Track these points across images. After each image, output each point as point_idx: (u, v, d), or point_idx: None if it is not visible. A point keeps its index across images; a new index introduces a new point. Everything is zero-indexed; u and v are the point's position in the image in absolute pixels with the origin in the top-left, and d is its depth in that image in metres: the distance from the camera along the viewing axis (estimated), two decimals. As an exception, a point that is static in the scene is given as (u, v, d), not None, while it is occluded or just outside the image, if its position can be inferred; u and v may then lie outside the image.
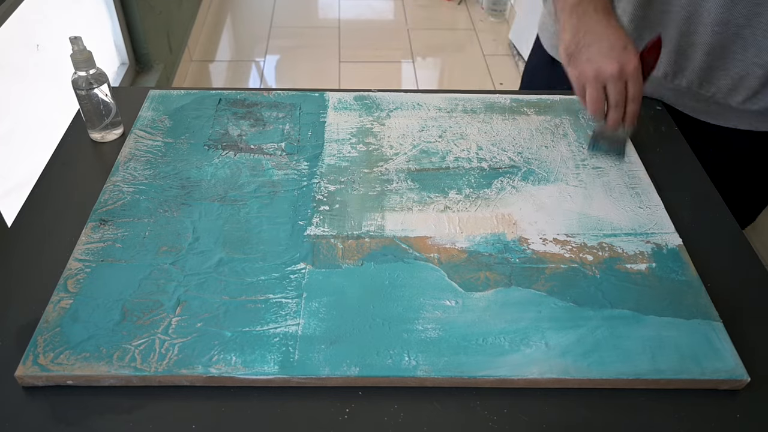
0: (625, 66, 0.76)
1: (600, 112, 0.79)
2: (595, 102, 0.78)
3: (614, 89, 0.77)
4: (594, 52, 0.77)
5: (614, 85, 0.77)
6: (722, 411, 0.59)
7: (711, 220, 0.78)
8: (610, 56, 0.76)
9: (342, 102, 0.93)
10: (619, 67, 0.75)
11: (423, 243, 0.71)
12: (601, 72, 0.76)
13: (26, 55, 1.63)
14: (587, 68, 0.77)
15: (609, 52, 0.76)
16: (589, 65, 0.77)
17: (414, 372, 0.59)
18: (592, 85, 0.78)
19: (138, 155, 0.82)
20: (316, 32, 3.06)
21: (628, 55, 0.76)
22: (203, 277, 0.66)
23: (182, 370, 0.58)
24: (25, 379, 0.58)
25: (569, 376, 0.59)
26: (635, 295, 0.66)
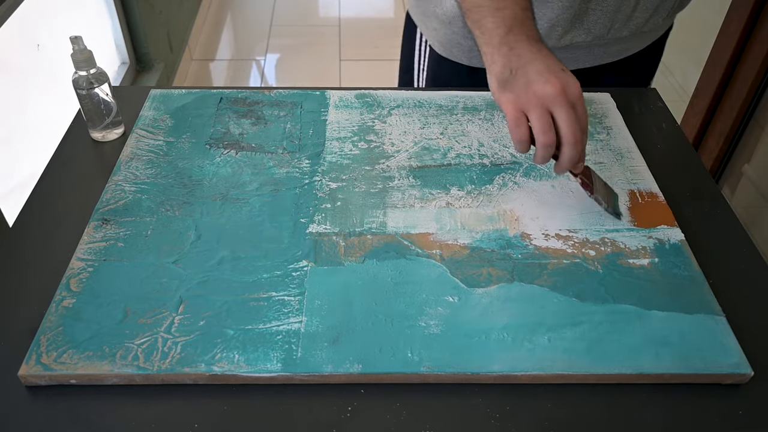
0: (568, 86, 0.65)
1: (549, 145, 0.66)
2: (546, 130, 0.65)
3: (564, 114, 0.65)
4: (531, 73, 0.65)
5: (563, 109, 0.64)
6: (726, 405, 0.59)
7: (712, 215, 0.78)
8: (549, 76, 0.65)
9: (343, 100, 0.93)
10: (561, 86, 0.64)
11: (425, 239, 0.71)
12: (542, 93, 0.64)
13: (26, 55, 1.63)
14: (524, 92, 0.65)
15: (547, 72, 0.65)
16: (526, 88, 0.65)
17: (417, 369, 0.59)
18: (536, 110, 0.65)
19: (139, 154, 0.82)
20: (317, 30, 3.06)
21: (568, 76, 0.66)
22: (205, 276, 0.66)
23: (185, 369, 0.58)
24: (28, 378, 0.58)
25: (572, 371, 0.59)
26: (638, 290, 0.66)
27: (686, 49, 1.91)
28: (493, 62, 0.68)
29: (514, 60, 0.67)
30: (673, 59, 1.98)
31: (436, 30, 0.98)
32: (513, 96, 0.66)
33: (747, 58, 1.50)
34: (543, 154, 0.67)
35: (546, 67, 0.66)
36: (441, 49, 0.99)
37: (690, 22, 1.91)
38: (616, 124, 0.89)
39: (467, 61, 0.98)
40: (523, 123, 0.66)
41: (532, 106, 0.65)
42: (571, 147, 0.66)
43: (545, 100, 0.65)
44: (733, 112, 1.56)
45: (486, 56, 0.70)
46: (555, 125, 0.65)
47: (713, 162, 1.64)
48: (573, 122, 0.65)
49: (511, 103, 0.66)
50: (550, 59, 0.67)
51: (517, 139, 0.67)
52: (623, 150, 0.85)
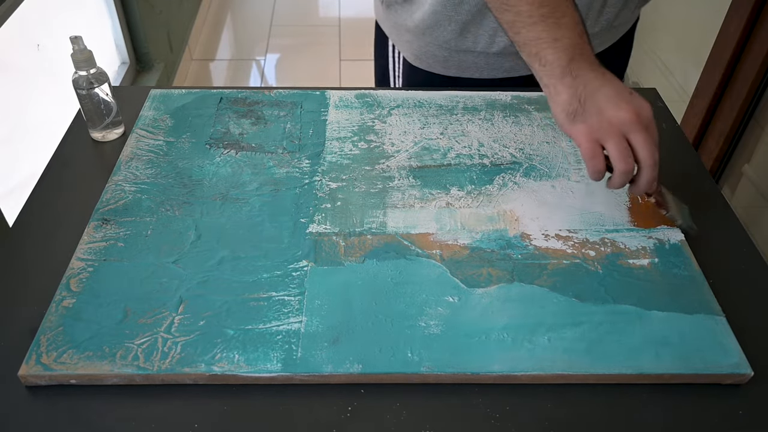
0: (641, 110, 0.64)
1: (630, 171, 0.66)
2: (626, 157, 0.64)
3: (641, 138, 0.64)
4: (601, 100, 0.65)
5: (639, 134, 0.64)
6: (726, 405, 0.59)
7: (712, 215, 0.78)
8: (620, 102, 0.64)
9: (343, 100, 0.93)
10: (635, 111, 0.64)
11: (425, 239, 0.71)
12: (617, 120, 0.64)
13: (26, 55, 1.63)
14: (598, 121, 0.65)
15: (617, 98, 0.64)
16: (599, 117, 0.64)
17: (417, 369, 0.59)
18: (613, 138, 0.64)
19: (139, 154, 0.82)
20: (317, 30, 3.06)
21: (638, 99, 0.65)
22: (205, 276, 0.66)
23: (185, 369, 0.58)
24: (28, 378, 0.58)
25: (572, 371, 0.59)
26: (638, 290, 0.66)
27: (686, 49, 1.91)
28: (557, 93, 0.67)
29: (581, 89, 0.66)
30: (673, 59, 1.98)
31: (410, 42, 0.97)
32: (585, 127, 0.66)
33: (747, 58, 1.50)
34: (622, 181, 0.67)
35: (615, 93, 0.65)
36: (414, 59, 0.99)
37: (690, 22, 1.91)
38: (616, 124, 0.89)
39: (443, 70, 0.97)
40: (600, 154, 0.66)
41: (608, 134, 0.65)
42: (650, 170, 0.66)
43: (621, 126, 0.64)
44: (733, 112, 1.56)
45: (548, 88, 0.68)
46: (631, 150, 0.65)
47: (713, 162, 1.64)
48: (650, 146, 0.65)
49: (585, 135, 0.66)
50: (616, 84, 0.66)
51: (595, 170, 0.67)
52: (623, 150, 0.84)
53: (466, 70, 0.96)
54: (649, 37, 2.10)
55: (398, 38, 0.99)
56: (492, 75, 0.96)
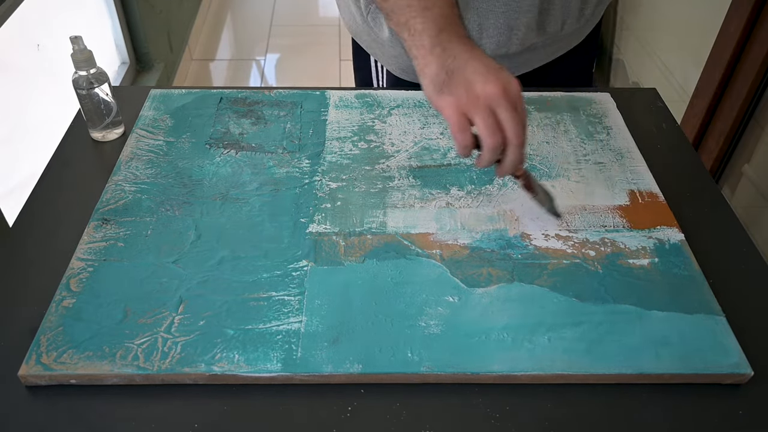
0: (509, 86, 0.62)
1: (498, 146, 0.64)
2: (494, 131, 0.62)
3: (508, 115, 0.62)
4: (470, 73, 0.63)
5: (507, 110, 0.62)
6: (726, 405, 0.59)
7: (712, 215, 0.78)
8: (489, 76, 0.62)
9: (343, 100, 0.93)
10: (503, 86, 0.62)
11: (425, 239, 0.71)
12: (484, 94, 0.62)
13: (26, 55, 1.63)
14: (465, 93, 0.62)
15: (486, 72, 0.62)
16: (467, 90, 0.62)
17: (417, 369, 0.59)
18: (481, 112, 0.62)
19: (139, 154, 0.82)
20: (317, 30, 3.06)
21: (507, 75, 0.63)
22: (205, 276, 0.66)
23: (185, 369, 0.58)
24: (28, 378, 0.58)
25: (572, 371, 0.59)
26: (638, 290, 0.66)
27: (686, 49, 1.91)
28: (426, 65, 0.65)
29: (450, 61, 0.64)
30: (673, 59, 1.98)
31: (397, 57, 0.96)
32: (453, 99, 0.64)
33: (747, 58, 1.50)
34: (490, 157, 0.65)
35: (485, 67, 0.63)
36: (401, 72, 0.98)
37: (690, 22, 1.91)
38: (616, 124, 0.89)
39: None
40: (467, 128, 0.64)
41: (476, 107, 0.62)
42: (516, 148, 0.64)
43: (488, 100, 0.62)
44: (733, 112, 1.56)
45: (417, 59, 0.66)
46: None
47: (713, 162, 1.64)
48: (517, 123, 0.63)
49: (452, 107, 0.64)
50: (486, 58, 0.64)
51: (463, 144, 0.65)
52: (623, 150, 0.85)
53: None
54: (649, 37, 2.10)
55: (381, 53, 0.98)
56: None
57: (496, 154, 0.65)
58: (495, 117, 0.63)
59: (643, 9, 2.13)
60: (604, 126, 0.89)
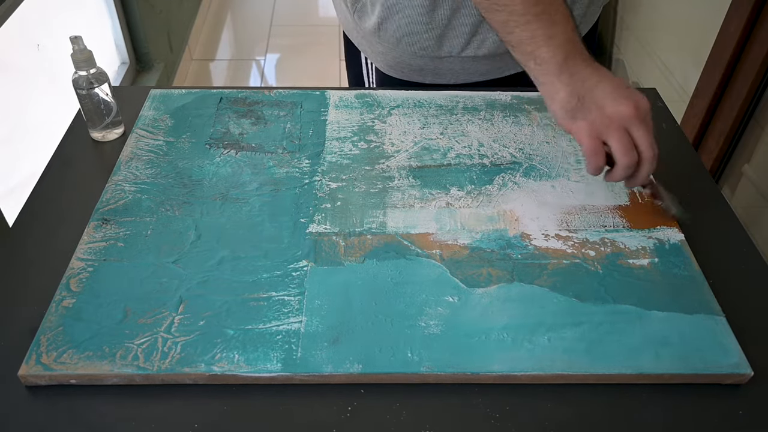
0: (639, 104, 0.65)
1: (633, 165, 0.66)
2: (629, 151, 0.65)
3: (642, 132, 0.65)
4: (600, 96, 0.65)
5: (640, 128, 0.65)
6: (726, 405, 0.59)
7: (712, 215, 0.78)
8: (619, 97, 0.65)
9: (343, 100, 0.93)
10: (634, 105, 0.64)
11: (425, 239, 0.71)
12: (617, 115, 0.64)
13: (26, 55, 1.63)
14: (599, 117, 0.65)
15: (616, 93, 0.65)
16: (599, 113, 0.65)
17: (417, 369, 0.59)
18: (615, 133, 0.65)
19: (139, 154, 0.82)
20: (317, 30, 3.06)
21: (635, 93, 0.66)
22: (205, 276, 0.66)
23: (185, 369, 0.58)
24: (28, 378, 0.58)
25: (572, 371, 0.59)
26: (638, 290, 0.66)
27: (686, 49, 1.91)
28: (555, 91, 0.67)
29: (579, 86, 0.66)
30: (673, 59, 1.98)
31: (383, 54, 0.96)
32: (586, 124, 0.66)
33: (747, 58, 1.50)
34: (624, 174, 0.67)
35: (613, 88, 0.65)
36: (388, 69, 0.98)
37: (690, 22, 1.91)
38: (616, 124, 0.89)
39: (419, 78, 0.97)
40: (602, 150, 0.66)
41: (610, 130, 0.65)
42: (649, 163, 0.67)
43: (622, 121, 0.64)
44: (733, 112, 1.56)
45: (545, 86, 0.68)
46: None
47: (713, 162, 1.64)
48: (650, 139, 0.65)
49: (586, 131, 0.66)
50: (613, 79, 0.66)
51: (596, 166, 0.67)
52: (623, 150, 0.84)
53: (442, 77, 0.96)
54: (649, 37, 2.10)
55: (370, 49, 0.98)
56: (468, 79, 0.96)
57: (630, 172, 0.67)
58: (629, 136, 0.65)
59: (643, 9, 2.13)
60: (604, 126, 0.88)
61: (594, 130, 0.66)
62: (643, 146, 0.66)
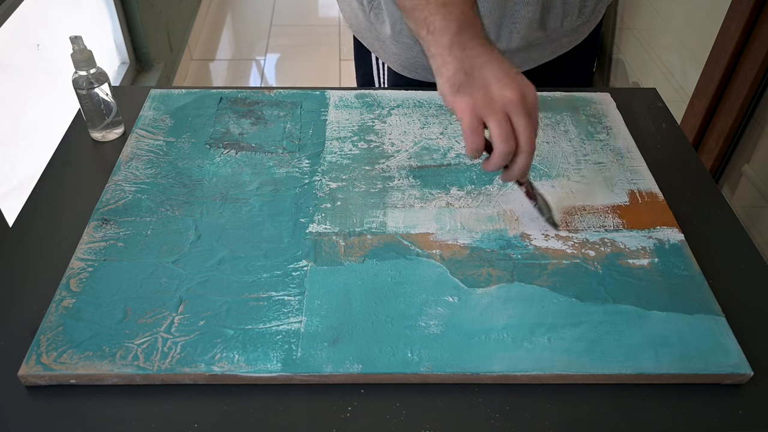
0: (526, 92, 0.63)
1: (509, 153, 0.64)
2: (507, 138, 0.62)
3: (524, 122, 0.62)
4: (489, 76, 0.63)
5: (522, 117, 0.62)
6: (725, 405, 0.59)
7: (712, 215, 0.78)
8: (507, 81, 0.62)
9: (343, 100, 0.93)
10: (520, 92, 0.62)
11: (425, 239, 0.71)
12: (501, 99, 0.62)
13: (26, 55, 1.63)
14: (483, 96, 0.63)
15: (505, 76, 0.62)
16: (483, 92, 0.62)
17: (416, 369, 0.59)
18: (496, 116, 0.62)
19: (139, 154, 0.82)
20: (317, 30, 3.06)
21: (524, 80, 0.64)
22: (205, 276, 0.66)
23: (185, 369, 0.58)
24: (28, 378, 0.58)
25: (572, 371, 0.59)
26: (637, 290, 0.66)
27: (686, 49, 1.91)
28: (444, 64, 0.64)
29: (468, 62, 0.63)
30: (673, 59, 1.98)
31: (398, 55, 0.96)
32: (469, 100, 0.63)
33: (747, 58, 1.50)
34: (500, 162, 0.65)
35: (503, 71, 0.63)
36: (401, 69, 0.98)
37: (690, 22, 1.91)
38: (616, 124, 0.89)
39: (434, 78, 0.97)
40: (481, 130, 0.64)
41: (492, 111, 0.62)
42: (526, 156, 0.64)
43: (505, 106, 0.62)
44: (733, 112, 1.56)
45: (435, 57, 0.66)
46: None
47: (713, 162, 1.64)
48: (531, 131, 0.63)
49: (467, 108, 0.63)
50: (504, 62, 0.64)
51: (474, 147, 0.64)
52: (623, 150, 0.85)
53: None
54: (649, 37, 2.10)
55: (383, 50, 0.98)
56: None
57: (507, 160, 0.65)
58: (509, 123, 0.63)
59: (643, 9, 2.13)
60: (604, 126, 0.89)
61: (476, 108, 0.63)
62: (522, 137, 0.63)
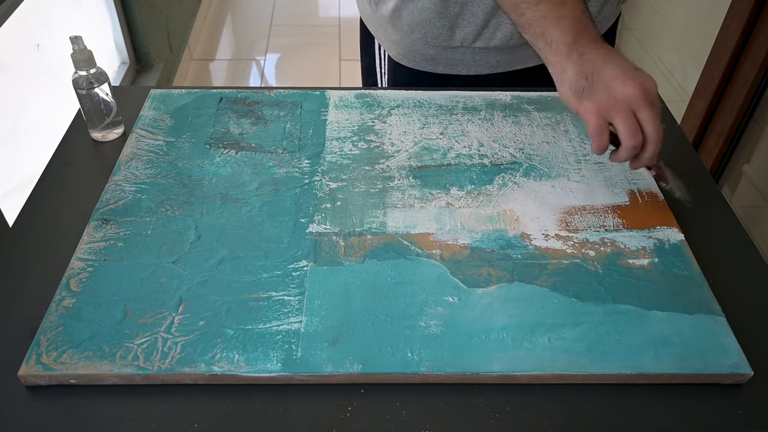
0: (646, 85, 0.65)
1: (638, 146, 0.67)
2: (635, 132, 0.66)
3: (648, 114, 0.65)
4: (608, 77, 0.66)
5: (646, 110, 0.65)
6: (726, 405, 0.59)
7: (712, 215, 0.78)
8: (626, 78, 0.65)
9: (343, 100, 0.93)
10: (641, 87, 0.65)
11: (425, 239, 0.71)
12: (624, 96, 0.65)
13: (26, 55, 1.63)
14: (606, 97, 0.66)
15: (623, 74, 0.65)
16: (606, 94, 0.65)
17: (416, 369, 0.59)
18: (621, 114, 0.65)
19: (139, 154, 0.82)
20: (317, 30, 3.06)
21: (643, 74, 0.66)
22: (205, 276, 0.66)
23: (185, 369, 0.58)
24: (28, 378, 0.58)
25: (572, 371, 0.59)
26: (638, 290, 0.66)
27: (686, 49, 1.91)
28: (563, 71, 0.68)
29: (587, 66, 0.67)
30: (673, 59, 1.98)
31: (397, 42, 0.97)
32: (593, 104, 0.66)
33: (747, 58, 1.50)
34: (629, 155, 0.68)
35: (621, 69, 0.66)
36: (401, 58, 0.99)
37: (690, 22, 1.91)
38: (616, 124, 0.89)
39: (431, 68, 0.98)
40: (607, 130, 0.67)
41: (617, 111, 0.66)
42: (655, 145, 0.67)
43: (628, 102, 0.65)
44: (733, 112, 1.56)
45: (554, 66, 0.69)
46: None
47: (713, 162, 1.64)
48: (656, 121, 0.66)
49: (593, 112, 0.67)
50: (622, 60, 0.67)
51: (601, 146, 0.68)
52: (623, 150, 0.84)
53: (454, 67, 0.97)
54: (649, 37, 2.10)
55: (384, 37, 0.99)
56: (478, 71, 0.97)
57: (635, 153, 0.68)
58: (634, 118, 0.66)
59: (643, 9, 2.13)
60: (604, 126, 0.88)
61: (601, 110, 0.66)
62: (648, 128, 0.66)
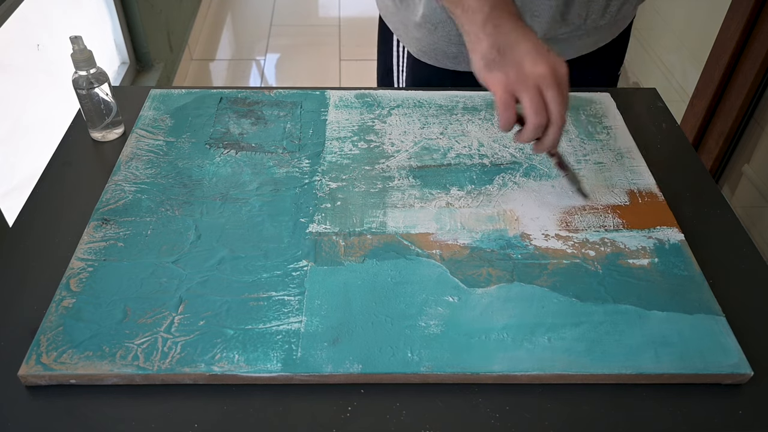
0: (557, 67, 0.65)
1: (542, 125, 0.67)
2: (539, 111, 0.65)
3: (555, 95, 0.65)
4: (521, 52, 0.65)
5: (553, 90, 0.65)
6: (726, 405, 0.59)
7: (712, 215, 0.78)
8: (538, 57, 0.65)
9: (343, 100, 0.93)
10: (551, 67, 0.65)
11: (425, 239, 0.71)
12: (533, 74, 0.64)
13: (26, 55, 1.63)
14: (515, 72, 0.65)
15: (536, 52, 0.65)
16: (516, 69, 0.65)
17: (417, 369, 0.59)
18: (529, 91, 0.65)
19: (139, 154, 0.82)
20: (317, 30, 3.06)
21: (555, 56, 0.66)
22: (205, 276, 0.66)
23: (185, 369, 0.58)
24: (28, 378, 0.58)
25: (572, 371, 0.59)
26: (638, 290, 0.66)
27: (686, 49, 1.91)
28: (477, 41, 0.68)
29: (501, 39, 0.66)
30: (673, 59, 1.98)
31: (418, 39, 0.96)
32: (503, 76, 0.66)
33: (747, 58, 1.50)
34: (532, 135, 0.68)
35: (535, 47, 0.66)
36: (422, 54, 0.98)
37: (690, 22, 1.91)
38: (616, 124, 0.89)
39: (452, 65, 0.97)
40: (513, 105, 0.67)
41: (525, 86, 0.65)
42: (557, 128, 0.67)
43: (537, 80, 0.65)
44: (733, 112, 1.56)
45: (469, 35, 0.69)
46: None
47: (713, 162, 1.64)
48: (561, 104, 0.65)
49: (501, 84, 0.66)
50: (536, 39, 0.67)
51: (507, 121, 0.67)
52: (623, 150, 0.85)
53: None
54: (649, 37, 2.10)
55: (405, 34, 0.99)
56: None
57: (539, 133, 0.68)
58: (542, 97, 0.65)
59: (643, 9, 2.13)
60: (604, 126, 0.89)
61: (509, 84, 0.66)
62: (554, 109, 0.66)
